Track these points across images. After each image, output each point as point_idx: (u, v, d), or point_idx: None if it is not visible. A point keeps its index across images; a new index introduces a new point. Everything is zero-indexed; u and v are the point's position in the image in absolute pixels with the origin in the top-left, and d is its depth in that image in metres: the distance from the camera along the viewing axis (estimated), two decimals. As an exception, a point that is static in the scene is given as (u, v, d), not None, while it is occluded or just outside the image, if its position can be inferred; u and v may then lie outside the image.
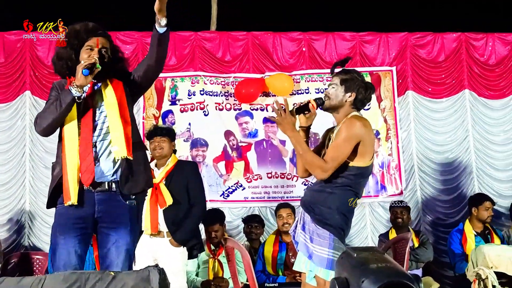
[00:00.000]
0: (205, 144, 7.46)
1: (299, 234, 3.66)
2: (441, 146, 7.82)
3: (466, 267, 5.84)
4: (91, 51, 3.45)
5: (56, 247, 3.33)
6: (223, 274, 5.84)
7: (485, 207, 6.50)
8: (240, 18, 9.76)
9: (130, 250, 3.46)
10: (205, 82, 7.55)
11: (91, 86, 3.45)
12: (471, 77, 7.96)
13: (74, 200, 3.27)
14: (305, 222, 3.63)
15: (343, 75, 3.76)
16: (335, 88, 3.74)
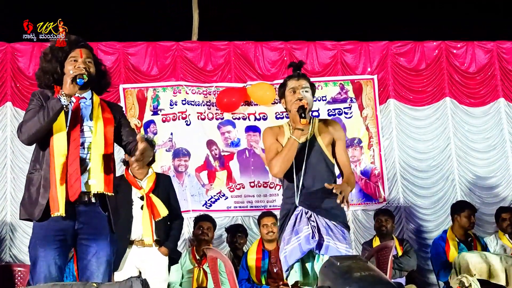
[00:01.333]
0: (187, 153, 7.43)
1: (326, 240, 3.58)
2: (423, 154, 7.86)
3: (450, 274, 5.87)
4: (75, 62, 3.50)
5: (36, 260, 3.29)
6: (207, 283, 5.83)
7: (466, 215, 6.51)
8: (222, 28, 9.78)
9: (110, 261, 3.48)
10: (187, 92, 7.54)
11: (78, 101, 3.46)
12: (452, 85, 8.02)
13: (62, 211, 3.23)
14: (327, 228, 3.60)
15: (308, 80, 3.89)
16: (308, 92, 3.81)
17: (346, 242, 3.57)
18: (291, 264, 3.63)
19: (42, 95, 3.45)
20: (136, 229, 4.98)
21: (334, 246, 3.54)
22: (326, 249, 3.54)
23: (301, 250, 3.59)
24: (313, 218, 3.63)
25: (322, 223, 3.60)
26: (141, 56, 7.64)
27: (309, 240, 3.56)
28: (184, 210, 6.74)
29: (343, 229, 3.61)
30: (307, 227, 3.60)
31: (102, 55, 7.57)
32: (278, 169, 3.68)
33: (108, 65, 7.56)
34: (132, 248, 5.00)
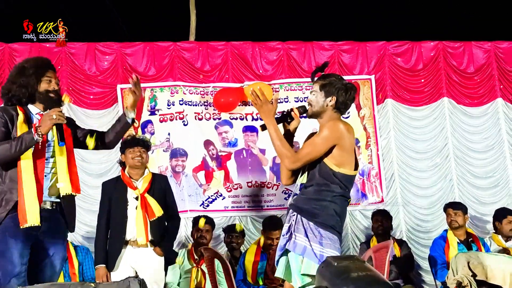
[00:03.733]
0: (184, 154, 7.43)
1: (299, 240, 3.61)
2: (421, 154, 7.87)
3: (447, 274, 5.87)
4: (49, 82, 3.82)
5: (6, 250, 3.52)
6: (205, 283, 5.82)
7: (447, 213, 6.52)
8: (219, 28, 9.78)
9: (63, 263, 3.86)
10: (184, 92, 7.53)
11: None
12: (450, 85, 8.03)
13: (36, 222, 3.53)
14: (306, 228, 3.60)
15: (322, 81, 3.79)
16: (315, 94, 3.78)
17: (320, 244, 3.54)
18: (276, 260, 3.79)
19: (6, 113, 3.66)
20: (131, 229, 4.97)
21: (304, 244, 3.56)
22: (294, 245, 3.61)
23: (280, 247, 3.73)
24: (294, 217, 3.68)
25: (300, 221, 3.64)
26: (139, 56, 7.64)
27: (284, 236, 3.72)
28: (181, 210, 6.74)
29: (320, 230, 3.57)
30: (288, 224, 3.72)
31: (99, 55, 7.57)
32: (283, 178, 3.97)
33: (106, 65, 7.57)
34: (127, 248, 5.00)
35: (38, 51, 7.37)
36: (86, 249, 6.28)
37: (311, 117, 3.83)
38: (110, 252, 5.02)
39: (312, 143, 3.66)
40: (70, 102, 6.74)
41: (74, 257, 6.10)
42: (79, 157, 7.28)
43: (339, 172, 3.64)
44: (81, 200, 7.17)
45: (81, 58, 7.53)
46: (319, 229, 3.57)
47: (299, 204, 3.69)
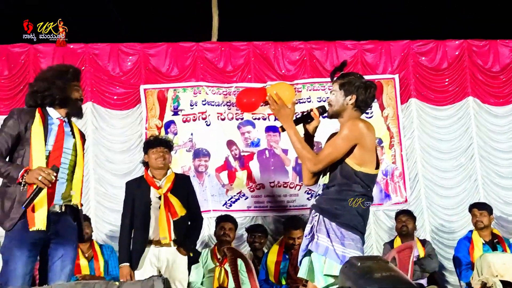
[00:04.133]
0: (207, 154, 7.45)
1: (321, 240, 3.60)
2: (445, 154, 7.80)
3: (471, 275, 5.81)
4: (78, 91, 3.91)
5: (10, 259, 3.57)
6: (228, 283, 5.84)
7: (473, 214, 6.47)
8: (241, 28, 9.79)
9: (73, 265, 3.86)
10: (207, 92, 7.55)
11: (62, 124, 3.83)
12: (475, 84, 7.95)
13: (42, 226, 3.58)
14: (328, 229, 3.58)
15: (341, 80, 3.77)
16: (335, 94, 3.76)
17: (343, 245, 3.53)
18: (299, 261, 3.78)
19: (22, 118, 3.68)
20: (154, 229, 5.03)
21: (326, 244, 3.55)
22: (317, 246, 3.59)
23: (302, 248, 3.72)
24: (316, 217, 3.67)
25: (322, 222, 3.63)
26: (162, 57, 7.67)
27: (306, 237, 3.70)
28: (204, 210, 6.77)
29: (342, 230, 3.56)
30: (310, 225, 3.70)
31: (122, 56, 7.63)
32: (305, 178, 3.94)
33: (129, 66, 7.62)
34: (150, 248, 5.05)
35: (62, 54, 7.46)
36: (111, 247, 6.34)
37: (332, 117, 3.81)
38: (134, 251, 5.07)
39: (332, 144, 3.65)
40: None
41: (100, 256, 6.17)
42: (104, 158, 7.37)
43: (360, 171, 3.60)
44: (105, 199, 7.26)
45: (105, 58, 7.59)
46: (341, 229, 3.55)
47: (321, 204, 3.67)
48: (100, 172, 7.35)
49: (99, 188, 7.31)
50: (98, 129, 7.40)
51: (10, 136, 3.64)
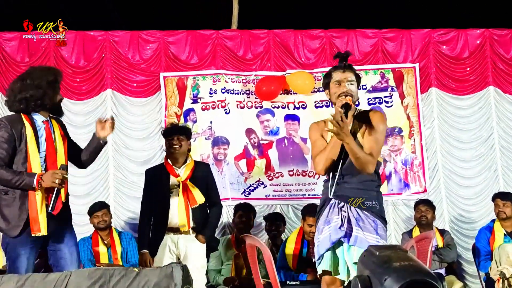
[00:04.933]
0: (226, 142, 7.47)
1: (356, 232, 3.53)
2: (465, 144, 7.74)
3: (490, 265, 5.79)
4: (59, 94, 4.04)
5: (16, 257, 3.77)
6: (246, 271, 5.87)
7: (496, 204, 6.42)
8: (261, 16, 9.76)
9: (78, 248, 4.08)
10: (226, 80, 7.56)
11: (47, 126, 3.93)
12: (496, 74, 7.87)
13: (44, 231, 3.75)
14: (358, 218, 3.54)
15: (352, 70, 3.78)
16: (354, 84, 3.71)
17: (377, 234, 3.50)
18: (321, 253, 3.65)
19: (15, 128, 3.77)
20: (173, 216, 5.04)
21: (363, 237, 3.49)
22: (355, 240, 3.51)
23: (330, 240, 3.59)
24: (345, 208, 3.59)
25: (353, 213, 3.56)
26: (181, 44, 7.69)
27: (337, 230, 3.56)
28: (223, 198, 6.79)
29: (375, 220, 3.54)
30: (338, 217, 3.59)
31: (142, 44, 7.66)
32: (322, 167, 3.68)
33: (149, 53, 7.65)
34: (169, 235, 5.07)
35: (82, 41, 7.52)
36: (130, 235, 6.40)
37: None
38: (153, 239, 5.10)
39: (377, 141, 3.61)
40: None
41: (118, 243, 6.23)
42: (123, 145, 7.42)
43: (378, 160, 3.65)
44: (124, 186, 7.31)
45: (125, 46, 7.62)
46: (374, 218, 3.54)
47: (349, 194, 3.61)
48: (119, 159, 7.41)
49: (118, 175, 7.37)
50: (117, 116, 7.42)
51: (8, 145, 3.75)
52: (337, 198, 3.64)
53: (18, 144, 3.77)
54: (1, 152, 3.73)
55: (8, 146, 3.75)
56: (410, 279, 2.01)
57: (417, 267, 2.11)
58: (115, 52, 7.60)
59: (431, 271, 2.12)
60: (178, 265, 3.18)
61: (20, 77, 3.97)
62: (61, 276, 3.22)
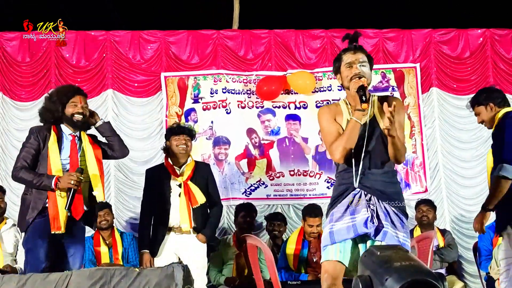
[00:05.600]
0: (227, 142, 7.47)
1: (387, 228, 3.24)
2: (466, 144, 7.74)
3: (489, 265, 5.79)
4: (75, 106, 4.26)
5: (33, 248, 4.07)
6: (247, 270, 5.87)
7: None
8: (262, 16, 9.75)
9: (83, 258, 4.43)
10: (227, 80, 7.56)
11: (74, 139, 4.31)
12: (497, 74, 7.87)
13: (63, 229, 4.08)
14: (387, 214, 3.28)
15: (365, 52, 3.49)
16: (366, 65, 3.42)
17: (404, 231, 3.28)
18: (337, 241, 3.28)
19: (40, 134, 4.21)
20: (174, 216, 5.06)
21: (393, 233, 3.23)
22: (384, 235, 3.22)
23: (355, 231, 3.25)
24: (373, 201, 3.31)
25: (381, 208, 3.29)
26: (182, 44, 7.69)
27: (367, 224, 3.24)
28: (224, 198, 6.81)
29: (402, 217, 3.30)
30: (366, 210, 3.28)
31: (143, 44, 7.66)
32: (340, 154, 3.34)
33: (150, 53, 7.65)
34: (170, 235, 5.08)
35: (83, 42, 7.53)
36: (132, 235, 6.40)
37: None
38: (154, 239, 5.10)
39: (401, 128, 3.40)
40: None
41: (119, 243, 6.23)
42: (124, 144, 7.40)
43: None
44: (125, 186, 7.31)
45: (126, 46, 7.63)
46: (400, 215, 3.30)
47: (377, 186, 3.33)
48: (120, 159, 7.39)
49: (119, 175, 7.37)
50: (118, 116, 7.45)
51: (34, 150, 4.17)
52: (364, 189, 3.33)
53: (43, 151, 4.19)
54: (27, 156, 4.17)
55: (34, 151, 4.18)
56: (411, 279, 2.01)
57: (418, 267, 2.11)
58: (116, 52, 7.60)
59: (432, 271, 2.12)
60: (179, 265, 3.18)
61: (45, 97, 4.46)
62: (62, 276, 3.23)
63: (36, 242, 4.06)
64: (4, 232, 5.67)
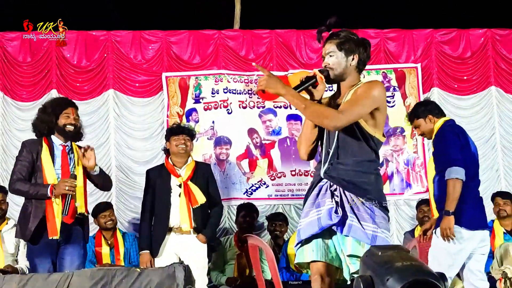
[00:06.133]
0: (228, 142, 7.47)
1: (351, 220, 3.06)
2: (467, 144, 7.72)
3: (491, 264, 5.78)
4: (68, 117, 4.49)
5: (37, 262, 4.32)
6: (249, 271, 5.87)
7: (495, 203, 6.43)
8: (263, 16, 9.75)
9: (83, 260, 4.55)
10: (228, 80, 7.56)
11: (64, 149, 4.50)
12: (498, 74, 7.86)
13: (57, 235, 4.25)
14: (353, 205, 3.10)
15: (337, 39, 3.39)
16: (333, 55, 3.32)
17: (374, 222, 3.05)
18: (303, 238, 3.16)
19: (33, 148, 4.42)
20: (175, 217, 5.06)
21: (358, 226, 3.03)
22: (349, 228, 3.04)
23: (320, 225, 3.09)
24: (337, 192, 3.13)
25: (347, 198, 3.10)
26: (184, 44, 7.69)
27: (331, 215, 3.06)
28: (225, 198, 6.82)
29: (371, 207, 3.08)
30: (330, 200, 3.11)
31: (145, 44, 7.66)
32: (302, 151, 3.36)
33: (151, 53, 7.65)
34: (171, 235, 5.08)
35: (84, 41, 7.53)
36: (134, 236, 6.39)
37: (333, 82, 3.31)
38: (154, 239, 5.11)
39: (354, 101, 3.14)
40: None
41: (121, 244, 6.22)
42: (125, 145, 7.42)
43: (375, 136, 3.18)
44: (126, 186, 7.32)
45: (127, 46, 7.63)
46: (371, 206, 3.09)
47: (344, 176, 3.15)
48: (121, 159, 7.41)
49: (120, 175, 7.37)
50: (119, 116, 7.45)
51: (28, 163, 4.39)
52: (329, 179, 3.18)
53: (36, 161, 4.39)
54: (22, 169, 4.37)
55: (28, 164, 4.38)
56: (412, 279, 2.01)
57: (419, 267, 2.10)
58: (117, 52, 7.60)
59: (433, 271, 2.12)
60: (180, 265, 3.19)
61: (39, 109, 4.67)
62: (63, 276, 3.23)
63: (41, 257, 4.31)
64: (5, 233, 5.66)
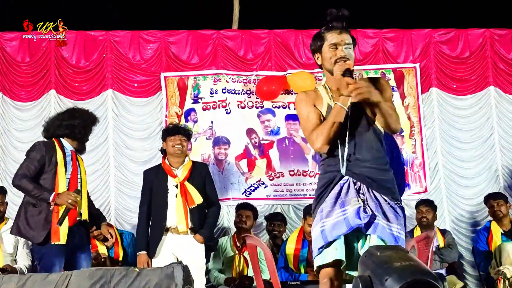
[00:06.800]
0: (227, 142, 7.47)
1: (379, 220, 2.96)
2: (465, 144, 7.74)
3: (490, 265, 5.79)
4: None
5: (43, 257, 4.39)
6: (247, 271, 5.87)
7: (490, 205, 6.44)
8: (262, 16, 9.75)
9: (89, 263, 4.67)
10: (227, 80, 7.56)
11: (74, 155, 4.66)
12: (497, 74, 7.86)
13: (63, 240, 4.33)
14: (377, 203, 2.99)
15: (348, 32, 3.31)
16: (350, 48, 3.26)
17: (398, 223, 2.97)
18: (331, 240, 2.95)
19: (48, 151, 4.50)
20: (171, 217, 5.06)
21: (385, 225, 2.94)
22: (375, 228, 2.93)
23: (348, 225, 2.93)
24: (362, 190, 3.01)
25: (371, 197, 3.00)
26: (182, 44, 7.69)
27: (359, 214, 2.93)
28: (223, 198, 6.82)
29: (395, 207, 3.01)
30: (356, 199, 2.98)
31: (143, 44, 7.66)
32: (322, 142, 3.06)
33: (150, 53, 7.65)
34: (168, 235, 5.08)
35: (83, 42, 7.53)
36: (131, 234, 6.39)
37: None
38: (151, 239, 5.11)
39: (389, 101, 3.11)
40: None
41: (119, 243, 6.22)
42: (124, 145, 7.42)
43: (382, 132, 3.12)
44: (125, 186, 7.31)
45: (126, 46, 7.62)
46: (395, 206, 3.02)
47: (367, 173, 3.03)
48: (119, 159, 7.40)
49: (118, 175, 7.37)
50: (118, 117, 7.45)
51: (38, 163, 4.44)
52: (352, 176, 3.03)
53: (47, 165, 4.46)
54: (30, 167, 4.42)
55: (38, 165, 4.44)
56: (411, 279, 2.01)
57: (418, 267, 2.11)
58: (116, 52, 7.60)
59: (432, 271, 2.12)
60: (179, 265, 3.19)
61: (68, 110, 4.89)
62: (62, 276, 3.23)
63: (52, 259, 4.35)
64: (4, 233, 5.66)
